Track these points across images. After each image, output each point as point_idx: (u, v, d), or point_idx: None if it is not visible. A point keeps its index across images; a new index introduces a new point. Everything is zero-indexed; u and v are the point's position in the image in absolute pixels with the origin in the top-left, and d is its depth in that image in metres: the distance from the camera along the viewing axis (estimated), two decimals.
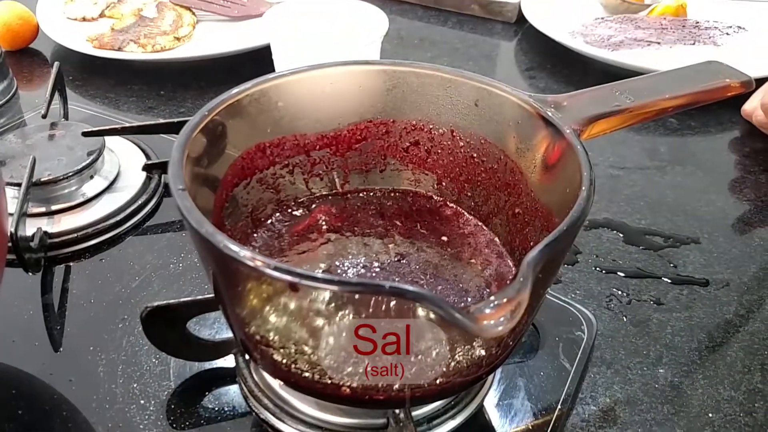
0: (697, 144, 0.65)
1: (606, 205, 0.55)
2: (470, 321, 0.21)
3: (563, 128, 0.33)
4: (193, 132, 0.32)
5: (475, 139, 0.39)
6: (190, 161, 0.31)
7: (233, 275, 0.27)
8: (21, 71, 0.74)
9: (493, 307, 0.21)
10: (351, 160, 0.42)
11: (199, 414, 0.37)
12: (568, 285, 0.47)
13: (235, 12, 0.82)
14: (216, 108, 0.34)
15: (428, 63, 0.39)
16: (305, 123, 0.40)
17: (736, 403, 0.39)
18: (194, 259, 0.47)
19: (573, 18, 0.85)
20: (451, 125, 0.40)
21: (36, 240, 0.46)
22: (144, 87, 0.71)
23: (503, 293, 0.21)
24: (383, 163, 0.43)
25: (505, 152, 0.38)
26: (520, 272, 0.22)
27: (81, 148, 0.53)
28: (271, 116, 0.38)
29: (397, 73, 0.39)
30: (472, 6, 0.91)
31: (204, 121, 0.33)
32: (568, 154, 0.32)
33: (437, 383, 0.29)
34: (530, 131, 0.35)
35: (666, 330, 0.44)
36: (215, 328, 0.42)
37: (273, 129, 0.39)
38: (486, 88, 0.37)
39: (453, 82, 0.39)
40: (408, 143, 0.42)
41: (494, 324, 0.21)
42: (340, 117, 0.41)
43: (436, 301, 0.21)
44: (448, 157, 0.41)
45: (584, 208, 0.27)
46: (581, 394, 0.39)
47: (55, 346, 0.41)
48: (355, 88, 0.40)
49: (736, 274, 0.48)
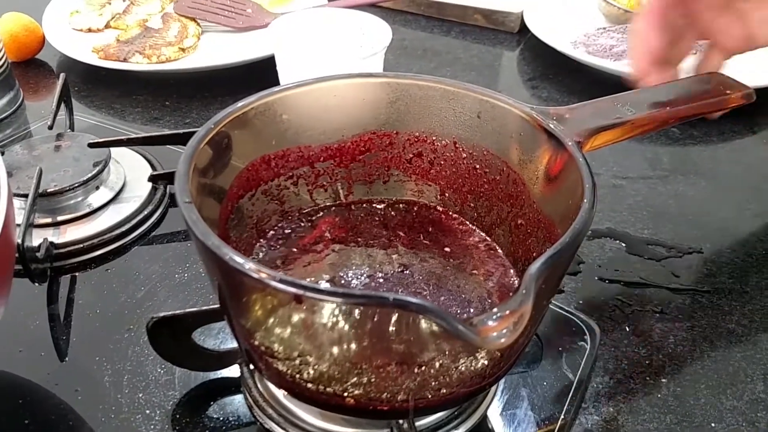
0: (699, 153, 0.65)
1: (609, 214, 0.55)
2: (473, 333, 0.21)
3: (565, 140, 0.33)
4: (199, 144, 0.32)
5: (477, 150, 0.40)
6: (197, 173, 0.31)
7: (239, 287, 0.27)
8: (27, 82, 0.75)
9: (495, 319, 0.21)
10: (355, 171, 0.42)
11: (204, 424, 0.37)
12: (571, 295, 0.47)
13: (240, 23, 0.82)
14: (222, 121, 0.34)
15: (431, 75, 0.40)
16: (309, 135, 0.40)
17: (739, 413, 0.39)
18: (199, 268, 0.48)
19: (575, 28, 0.85)
20: (453, 137, 0.40)
21: (42, 250, 0.46)
22: (149, 98, 0.72)
23: (506, 305, 0.21)
24: (387, 174, 0.43)
25: (507, 164, 0.38)
26: (522, 284, 0.22)
27: (87, 159, 0.53)
28: (275, 129, 0.38)
29: (401, 85, 0.40)
30: (475, 16, 0.92)
31: (210, 134, 0.33)
32: (570, 166, 0.32)
33: (440, 394, 0.29)
34: (532, 143, 0.36)
35: (668, 339, 0.44)
36: (220, 338, 0.42)
37: (278, 141, 0.39)
38: (488, 100, 0.38)
39: (455, 94, 0.39)
40: (411, 154, 0.42)
41: (497, 336, 0.21)
42: (344, 129, 0.41)
43: (439, 314, 0.21)
44: (450, 169, 0.41)
45: (586, 220, 0.27)
46: (584, 404, 0.39)
47: (61, 356, 0.42)
48: (359, 101, 0.40)
49: (739, 284, 0.48)
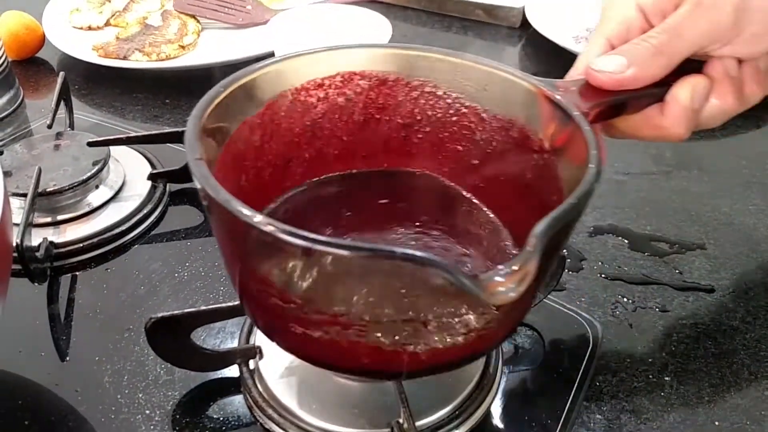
0: (702, 148, 0.65)
1: (611, 210, 0.55)
2: (479, 288, 0.21)
3: (572, 111, 0.33)
4: (209, 105, 0.32)
5: (485, 122, 0.39)
6: (205, 132, 0.31)
7: (248, 240, 0.27)
8: (27, 80, 0.75)
9: (502, 275, 0.21)
10: (356, 140, 0.41)
11: (204, 424, 0.37)
12: (573, 292, 0.47)
13: (240, 20, 0.82)
14: (230, 85, 0.34)
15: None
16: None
17: (743, 411, 0.39)
18: (199, 267, 0.48)
19: (577, 23, 0.85)
20: (459, 108, 0.40)
21: (42, 250, 0.46)
22: (149, 95, 0.72)
23: (512, 263, 0.21)
24: (390, 145, 0.42)
25: (515, 135, 0.38)
26: (528, 243, 0.22)
27: (86, 158, 0.53)
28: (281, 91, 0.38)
29: (407, 56, 0.39)
30: (477, 11, 0.91)
31: (219, 96, 0.33)
32: (576, 135, 0.32)
33: (439, 353, 0.29)
34: (539, 114, 0.36)
35: (672, 337, 0.43)
36: (220, 338, 0.42)
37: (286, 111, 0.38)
38: (495, 72, 0.37)
39: (462, 66, 0.38)
40: (415, 126, 0.41)
41: (503, 291, 0.21)
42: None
43: (446, 267, 0.22)
44: (457, 140, 0.41)
45: (592, 183, 0.28)
46: (586, 403, 0.39)
47: (61, 356, 0.41)
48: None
49: (743, 281, 0.48)
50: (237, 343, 0.41)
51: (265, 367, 0.38)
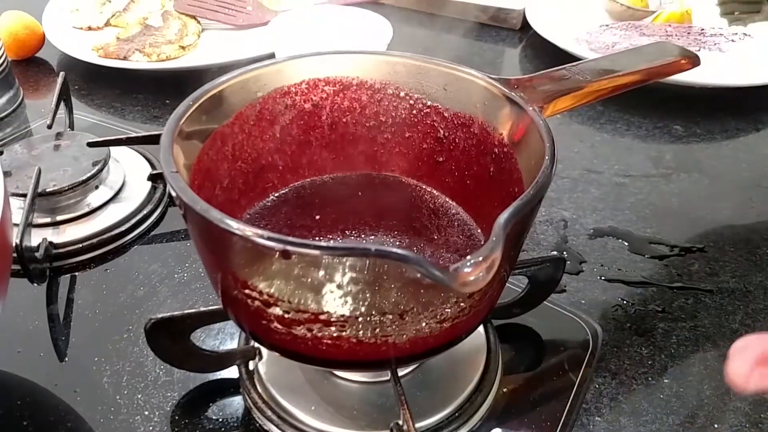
0: (702, 151, 0.65)
1: (611, 213, 0.55)
2: (451, 279, 0.22)
3: (526, 106, 0.35)
4: (180, 119, 0.33)
5: (445, 120, 0.41)
6: (179, 144, 0.32)
7: (227, 245, 0.28)
8: (27, 80, 0.75)
9: (470, 265, 0.22)
10: (323, 144, 0.43)
11: (203, 425, 0.37)
12: (573, 294, 0.47)
13: (240, 21, 0.82)
14: (200, 97, 0.36)
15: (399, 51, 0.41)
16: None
17: (742, 414, 0.39)
18: (199, 268, 0.48)
19: (578, 25, 0.85)
20: (421, 107, 0.41)
21: (41, 250, 0.46)
22: (149, 96, 0.72)
23: (479, 253, 0.23)
24: (356, 148, 0.43)
25: (474, 132, 0.39)
26: (492, 233, 0.24)
27: (86, 159, 0.53)
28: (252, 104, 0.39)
29: (369, 61, 0.41)
30: (477, 13, 0.92)
31: (189, 110, 0.35)
32: (532, 129, 0.34)
33: (421, 341, 0.30)
34: (497, 111, 0.37)
35: (671, 339, 0.43)
36: (219, 339, 0.42)
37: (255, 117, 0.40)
38: (454, 72, 0.39)
39: (422, 68, 0.40)
40: (380, 127, 0.42)
41: (473, 280, 0.22)
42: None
43: (419, 262, 0.23)
44: (420, 140, 0.42)
45: (548, 175, 0.30)
46: (586, 405, 0.39)
47: (60, 356, 0.41)
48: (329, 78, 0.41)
49: (742, 283, 0.48)
50: (236, 344, 0.41)
51: (264, 369, 0.38)
